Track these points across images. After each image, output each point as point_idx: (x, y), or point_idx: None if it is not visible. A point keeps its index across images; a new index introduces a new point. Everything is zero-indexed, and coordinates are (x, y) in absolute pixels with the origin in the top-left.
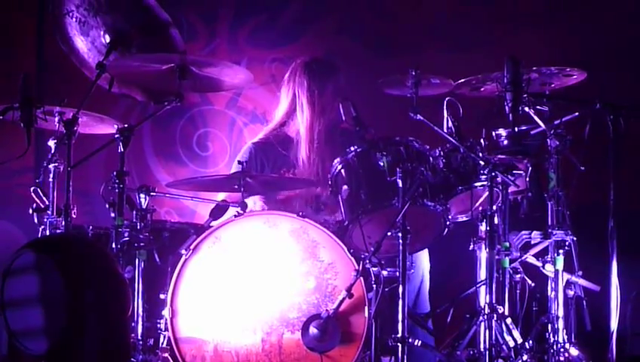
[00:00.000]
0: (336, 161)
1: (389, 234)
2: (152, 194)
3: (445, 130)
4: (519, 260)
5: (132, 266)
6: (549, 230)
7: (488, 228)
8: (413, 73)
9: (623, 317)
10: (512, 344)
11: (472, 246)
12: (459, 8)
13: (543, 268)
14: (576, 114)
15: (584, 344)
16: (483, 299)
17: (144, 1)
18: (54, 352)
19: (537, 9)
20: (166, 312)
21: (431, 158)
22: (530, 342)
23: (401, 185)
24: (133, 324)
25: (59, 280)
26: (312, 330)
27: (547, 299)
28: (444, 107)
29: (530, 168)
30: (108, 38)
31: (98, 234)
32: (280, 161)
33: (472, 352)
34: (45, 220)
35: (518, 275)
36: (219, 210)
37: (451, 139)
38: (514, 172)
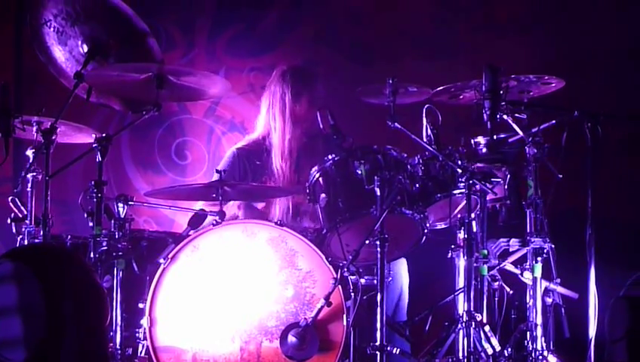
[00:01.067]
0: (314, 169)
1: (367, 242)
2: (130, 203)
3: (424, 138)
4: (497, 268)
5: (110, 275)
6: (528, 237)
7: (466, 236)
8: (391, 82)
9: (602, 324)
10: (490, 351)
11: (450, 254)
12: (437, 16)
13: (522, 275)
14: (554, 121)
15: (563, 351)
16: (461, 306)
17: (122, 11)
18: None
19: (517, 17)
20: (144, 321)
21: (409, 166)
22: (509, 349)
23: (379, 193)
24: (111, 333)
25: (37, 289)
26: (291, 339)
27: (525, 306)
28: (424, 114)
29: (508, 176)
30: (86, 48)
31: (76, 244)
32: (259, 170)
33: (450, 360)
34: (23, 230)
35: (497, 283)
36: (197, 219)
37: (429, 147)
38: (492, 180)
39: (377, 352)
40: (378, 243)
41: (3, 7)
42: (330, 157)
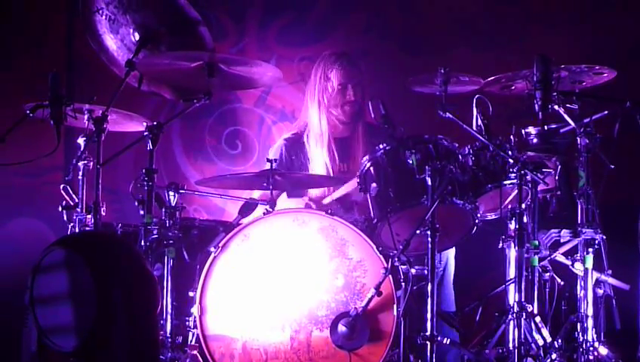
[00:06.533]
0: (365, 158)
1: (417, 232)
2: (181, 191)
3: (475, 128)
4: (548, 259)
5: (161, 264)
6: (579, 228)
7: (517, 227)
8: (442, 71)
9: None
10: (541, 342)
11: (501, 245)
12: (488, 6)
13: (573, 266)
14: (606, 112)
15: (613, 343)
16: (512, 297)
17: None
18: (83, 349)
19: (568, 7)
20: (195, 310)
21: (460, 156)
22: (559, 340)
23: (430, 183)
24: (161, 322)
25: (88, 277)
26: (341, 328)
27: (576, 297)
28: (474, 105)
29: (559, 166)
30: (137, 36)
31: (127, 232)
32: (300, 160)
33: (500, 351)
34: (74, 218)
35: (548, 274)
36: (248, 208)
37: (480, 137)
38: (543, 170)
39: (427, 342)
40: (429, 233)
41: None
42: (381, 146)
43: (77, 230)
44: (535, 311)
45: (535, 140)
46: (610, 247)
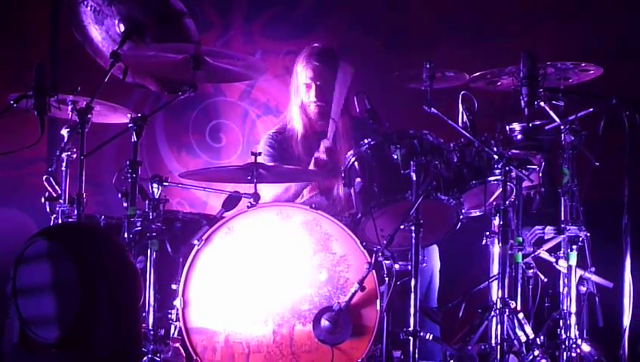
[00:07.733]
0: (349, 153)
1: (401, 227)
2: (164, 184)
3: (460, 124)
4: (532, 255)
5: (144, 256)
6: (563, 225)
7: (501, 223)
8: (428, 66)
9: (636, 313)
10: (523, 339)
11: (484, 241)
12: (474, 2)
13: (556, 263)
14: (591, 109)
15: (596, 340)
16: (495, 293)
17: None
18: (65, 340)
19: (555, 3)
20: (177, 302)
21: (445, 152)
22: (542, 337)
23: (414, 178)
24: (144, 314)
25: (71, 268)
26: (324, 323)
27: (559, 294)
28: (460, 101)
29: (543, 163)
30: (122, 27)
31: (110, 224)
32: (284, 154)
33: (483, 347)
34: (57, 209)
35: (531, 270)
36: (231, 201)
37: (465, 133)
38: (528, 167)
39: (410, 337)
40: (413, 228)
41: None
42: (366, 141)
43: (60, 222)
44: (518, 308)
45: (520, 137)
46: (594, 245)
